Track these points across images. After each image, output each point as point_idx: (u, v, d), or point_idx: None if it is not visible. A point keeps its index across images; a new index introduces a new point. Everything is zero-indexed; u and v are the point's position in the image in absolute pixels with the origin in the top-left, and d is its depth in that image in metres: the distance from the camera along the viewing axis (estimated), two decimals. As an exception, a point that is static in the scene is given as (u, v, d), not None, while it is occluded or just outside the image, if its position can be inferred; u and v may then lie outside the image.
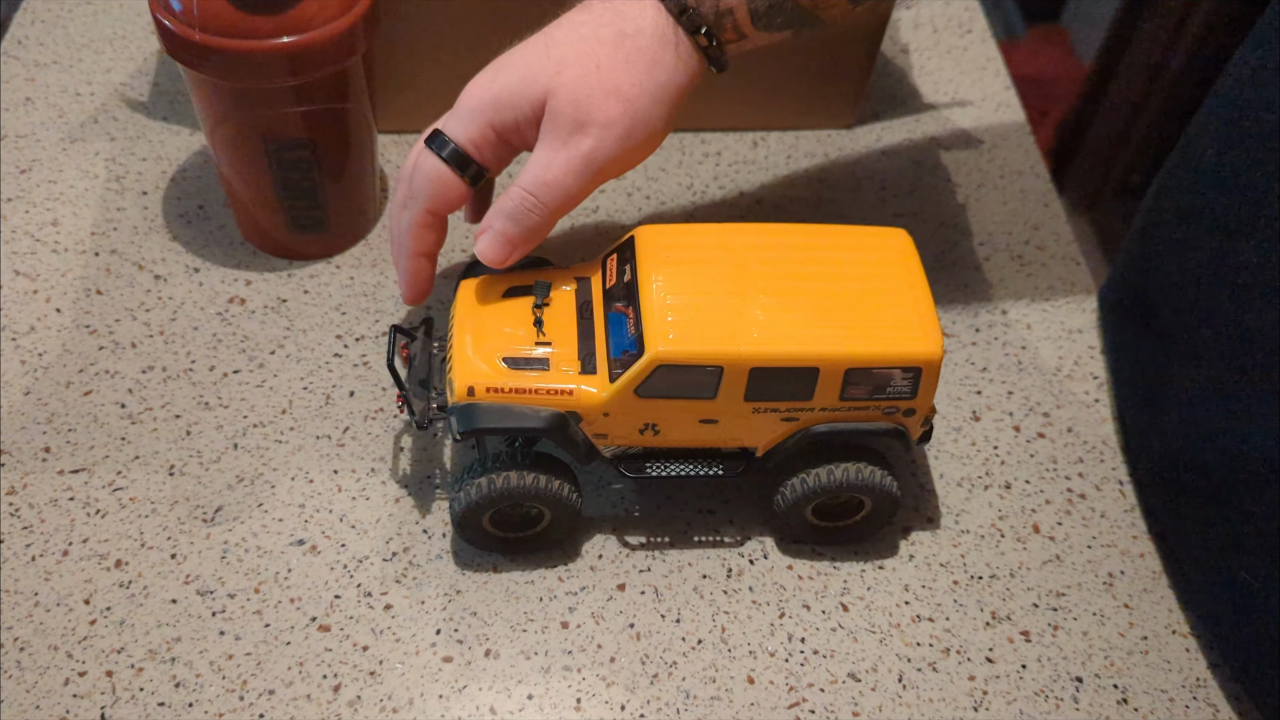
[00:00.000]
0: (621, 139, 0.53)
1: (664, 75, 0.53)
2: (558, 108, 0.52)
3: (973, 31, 0.88)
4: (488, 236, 0.55)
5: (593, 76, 0.52)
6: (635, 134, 0.53)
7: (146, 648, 0.53)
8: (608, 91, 0.52)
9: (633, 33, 0.53)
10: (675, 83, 0.54)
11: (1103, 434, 0.64)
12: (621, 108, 0.52)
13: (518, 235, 0.54)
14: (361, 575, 0.56)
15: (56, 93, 0.78)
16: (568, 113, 0.52)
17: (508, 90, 0.54)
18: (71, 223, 0.70)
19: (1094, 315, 0.70)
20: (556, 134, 0.53)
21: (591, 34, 0.54)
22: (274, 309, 0.67)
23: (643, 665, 0.54)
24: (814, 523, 0.57)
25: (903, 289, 0.54)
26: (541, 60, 0.54)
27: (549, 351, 0.53)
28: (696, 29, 0.53)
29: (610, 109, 0.52)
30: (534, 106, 0.53)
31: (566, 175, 0.53)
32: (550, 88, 0.53)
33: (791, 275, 0.53)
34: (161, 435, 0.61)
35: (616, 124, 0.52)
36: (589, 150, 0.53)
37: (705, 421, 0.53)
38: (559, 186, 0.53)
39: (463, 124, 0.55)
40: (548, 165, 0.53)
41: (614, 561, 0.57)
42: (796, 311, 0.52)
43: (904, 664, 0.55)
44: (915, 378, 0.52)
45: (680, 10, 0.53)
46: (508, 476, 0.53)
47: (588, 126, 0.52)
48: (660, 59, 0.53)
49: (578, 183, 0.53)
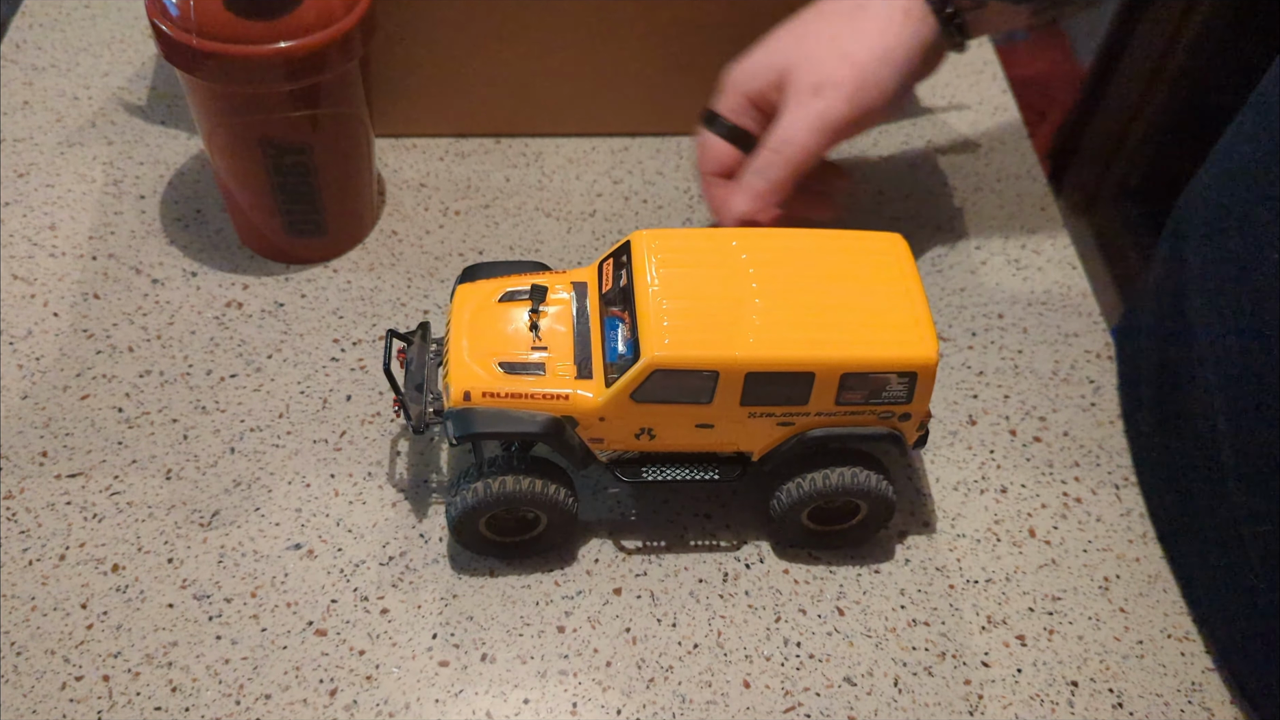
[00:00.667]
0: (850, 98, 0.59)
1: (893, 39, 0.59)
2: (796, 74, 0.60)
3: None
4: (739, 191, 0.62)
5: (826, 44, 0.60)
6: (865, 93, 0.59)
7: (143, 652, 0.53)
8: (839, 56, 0.59)
9: (866, 3, 0.60)
10: (905, 45, 0.60)
11: (1099, 438, 0.64)
12: (850, 70, 0.59)
13: (764, 188, 0.61)
14: (358, 579, 0.56)
15: (54, 97, 0.78)
16: (805, 78, 0.59)
17: (755, 62, 0.62)
18: (69, 227, 0.70)
19: (1090, 319, 0.70)
20: (796, 97, 0.60)
21: (831, 9, 0.61)
22: (271, 313, 0.67)
23: (639, 669, 0.54)
24: (810, 527, 0.57)
25: (898, 293, 0.54)
26: (785, 36, 0.62)
27: (545, 356, 0.53)
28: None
29: (840, 71, 0.59)
30: (779, 74, 0.61)
31: (803, 132, 0.59)
32: (790, 57, 0.60)
33: (787, 279, 0.53)
34: (158, 439, 0.61)
35: (846, 84, 0.59)
36: (822, 109, 0.59)
37: (701, 426, 0.53)
38: (797, 143, 0.59)
39: (721, 95, 0.64)
40: (788, 124, 0.60)
41: (610, 566, 0.57)
42: (792, 316, 0.52)
43: (900, 668, 0.55)
44: (911, 382, 0.52)
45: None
46: (504, 481, 0.53)
47: (822, 88, 0.59)
48: (890, 25, 0.60)
49: (813, 139, 0.59)
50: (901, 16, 0.60)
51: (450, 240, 0.72)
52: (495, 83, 0.75)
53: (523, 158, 0.77)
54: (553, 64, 0.74)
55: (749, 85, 0.62)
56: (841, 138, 0.60)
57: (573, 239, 0.72)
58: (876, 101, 0.60)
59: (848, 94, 0.59)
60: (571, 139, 0.78)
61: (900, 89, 0.60)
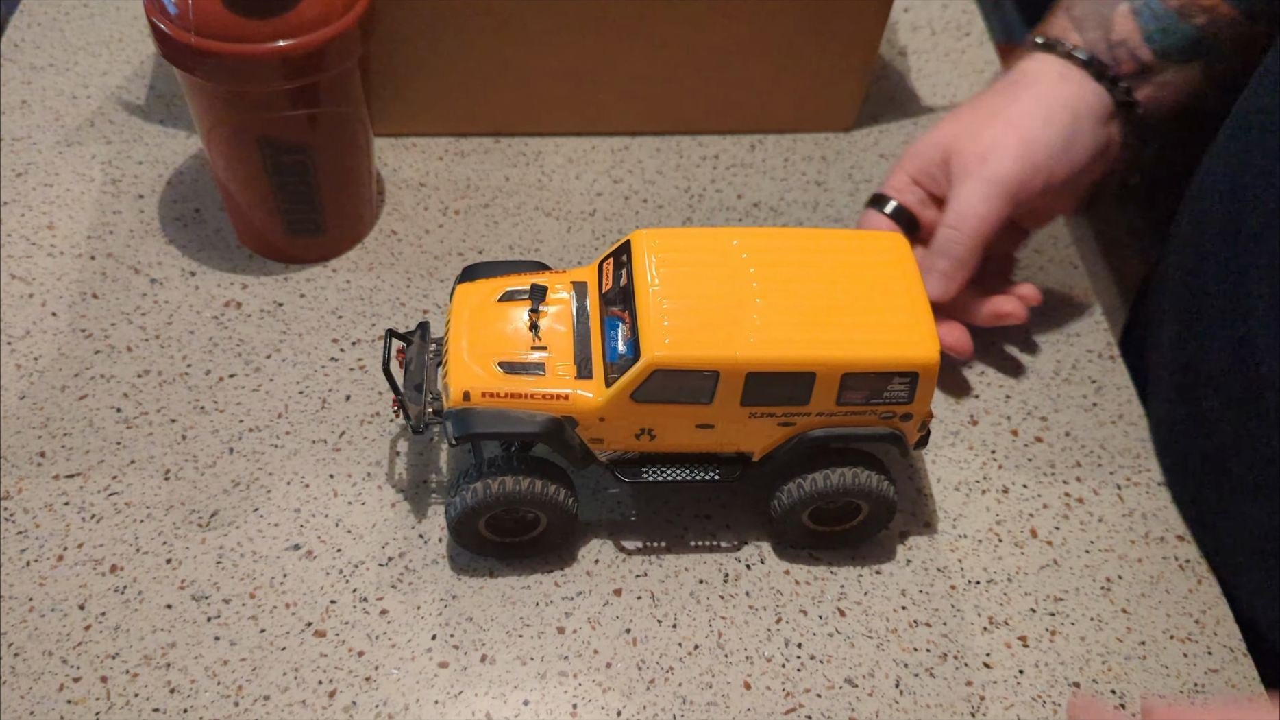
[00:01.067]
0: (1017, 159, 0.59)
1: (1054, 103, 0.60)
2: (961, 149, 0.60)
3: (971, 34, 0.88)
4: (928, 276, 0.60)
5: (986, 118, 0.61)
6: (1031, 153, 0.59)
7: (141, 653, 0.53)
8: (1002, 125, 0.60)
9: (1021, 79, 0.62)
10: (1069, 107, 0.60)
11: (1100, 438, 0.64)
12: (1012, 133, 0.60)
13: (948, 266, 0.60)
14: (357, 580, 0.56)
15: (53, 96, 0.78)
16: (969, 149, 0.60)
17: (921, 144, 0.63)
18: (67, 226, 0.70)
19: (1092, 319, 0.70)
20: (963, 170, 0.60)
21: (987, 92, 0.63)
22: (270, 313, 0.67)
23: (639, 670, 0.54)
24: (810, 527, 0.57)
25: (899, 293, 0.53)
26: (948, 119, 0.63)
27: (545, 356, 0.53)
28: (1083, 63, 0.61)
29: (1004, 137, 0.60)
30: (943, 151, 0.61)
31: (977, 200, 0.59)
32: (954, 134, 0.61)
33: (788, 279, 0.53)
34: (157, 439, 0.60)
35: (1011, 146, 0.59)
36: (990, 174, 0.59)
37: (702, 426, 0.53)
38: (973, 214, 0.59)
39: (887, 179, 0.65)
40: (961, 198, 0.60)
41: (610, 566, 0.57)
42: (793, 316, 0.52)
43: (901, 669, 0.54)
44: (912, 382, 0.52)
45: (1066, 50, 0.61)
46: (504, 481, 0.53)
47: (987, 155, 0.59)
48: (1048, 90, 0.61)
49: (988, 205, 0.59)
50: (1058, 81, 0.61)
51: (450, 240, 0.71)
52: (495, 82, 0.74)
53: (522, 157, 0.77)
54: (553, 63, 0.73)
55: (913, 165, 0.63)
56: (1015, 201, 0.60)
57: (572, 238, 0.72)
58: (1046, 162, 0.59)
59: (1014, 154, 0.59)
60: (571, 138, 0.78)
61: (1068, 149, 0.60)
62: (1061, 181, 0.61)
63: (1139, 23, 0.60)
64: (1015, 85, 0.62)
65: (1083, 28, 0.61)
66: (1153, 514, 0.61)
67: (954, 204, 0.60)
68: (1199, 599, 0.58)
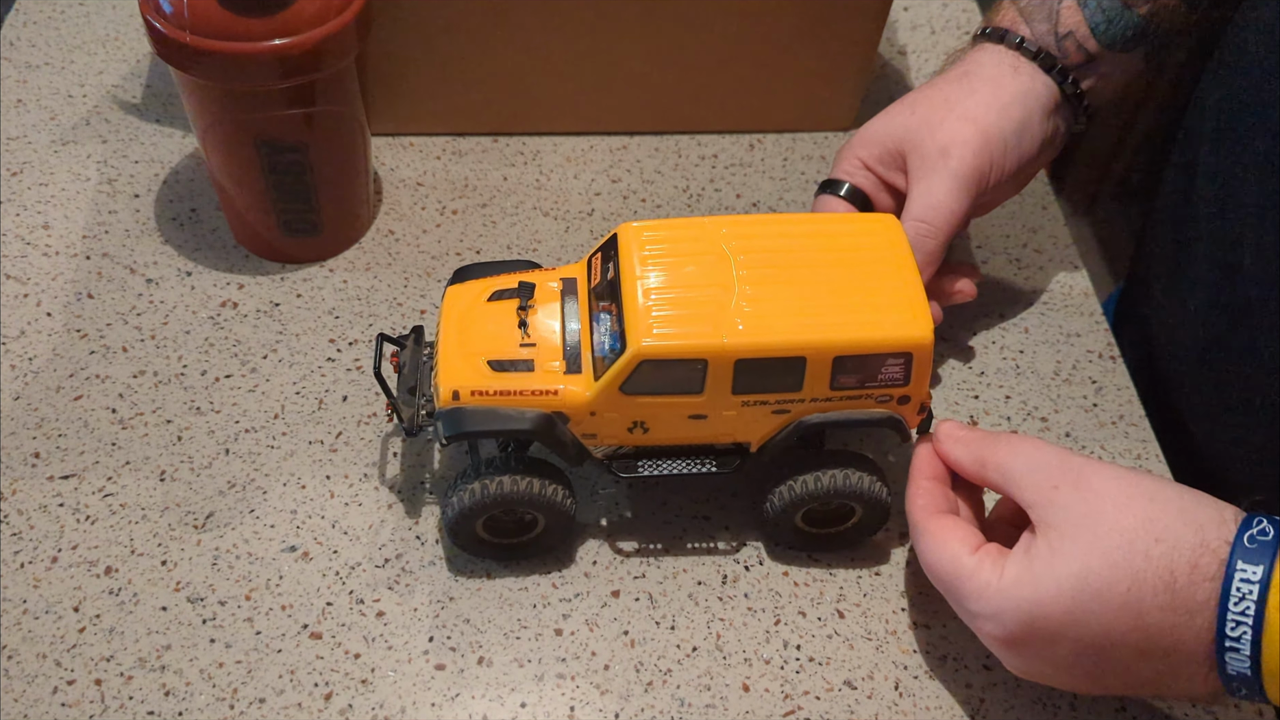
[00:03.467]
0: (978, 151, 0.59)
1: (1006, 96, 0.60)
2: (918, 142, 0.60)
3: (970, 33, 0.87)
4: None
5: (941, 109, 0.60)
6: (990, 147, 0.59)
7: (136, 656, 0.52)
8: (958, 117, 0.60)
9: (974, 70, 0.62)
10: (1021, 101, 0.60)
11: (1101, 439, 0.64)
12: (972, 126, 0.59)
13: (920, 262, 0.57)
14: (354, 582, 0.55)
15: (48, 94, 0.78)
16: (928, 143, 0.60)
17: (871, 132, 0.62)
18: (63, 226, 0.70)
19: (1092, 319, 0.69)
20: (924, 164, 0.60)
21: (940, 80, 0.62)
22: (266, 313, 0.66)
23: (637, 673, 0.53)
24: (804, 529, 0.57)
25: (891, 274, 0.52)
26: (898, 108, 0.62)
27: (534, 352, 0.53)
28: (1033, 55, 0.61)
29: (963, 130, 0.59)
30: (897, 142, 0.61)
31: (944, 195, 0.59)
32: (908, 125, 0.61)
33: (777, 264, 0.52)
34: (152, 440, 0.60)
35: (971, 140, 0.59)
36: (954, 167, 0.59)
37: (694, 417, 0.52)
38: (942, 208, 0.59)
39: (835, 165, 0.64)
40: (926, 192, 0.59)
41: (608, 568, 0.57)
42: (782, 301, 0.51)
43: (901, 671, 0.54)
44: (907, 363, 0.51)
45: (1016, 42, 0.61)
46: (501, 482, 0.52)
47: (948, 148, 0.59)
48: (1002, 83, 0.60)
49: (955, 199, 0.59)
50: (1010, 74, 0.61)
51: (447, 240, 0.71)
52: (493, 80, 0.74)
53: (520, 156, 0.76)
54: (551, 61, 0.73)
55: (865, 151, 0.62)
56: (978, 195, 0.60)
57: (571, 238, 0.72)
58: (1000, 157, 0.60)
59: (975, 148, 0.59)
60: (569, 137, 0.78)
61: (1024, 143, 0.61)
62: (1012, 173, 0.61)
63: (1085, 14, 0.61)
64: (969, 76, 0.61)
65: (1031, 19, 0.62)
66: (1153, 515, 0.61)
67: (922, 198, 0.59)
68: (1200, 601, 0.57)
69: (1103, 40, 0.61)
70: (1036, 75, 0.61)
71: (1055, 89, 0.61)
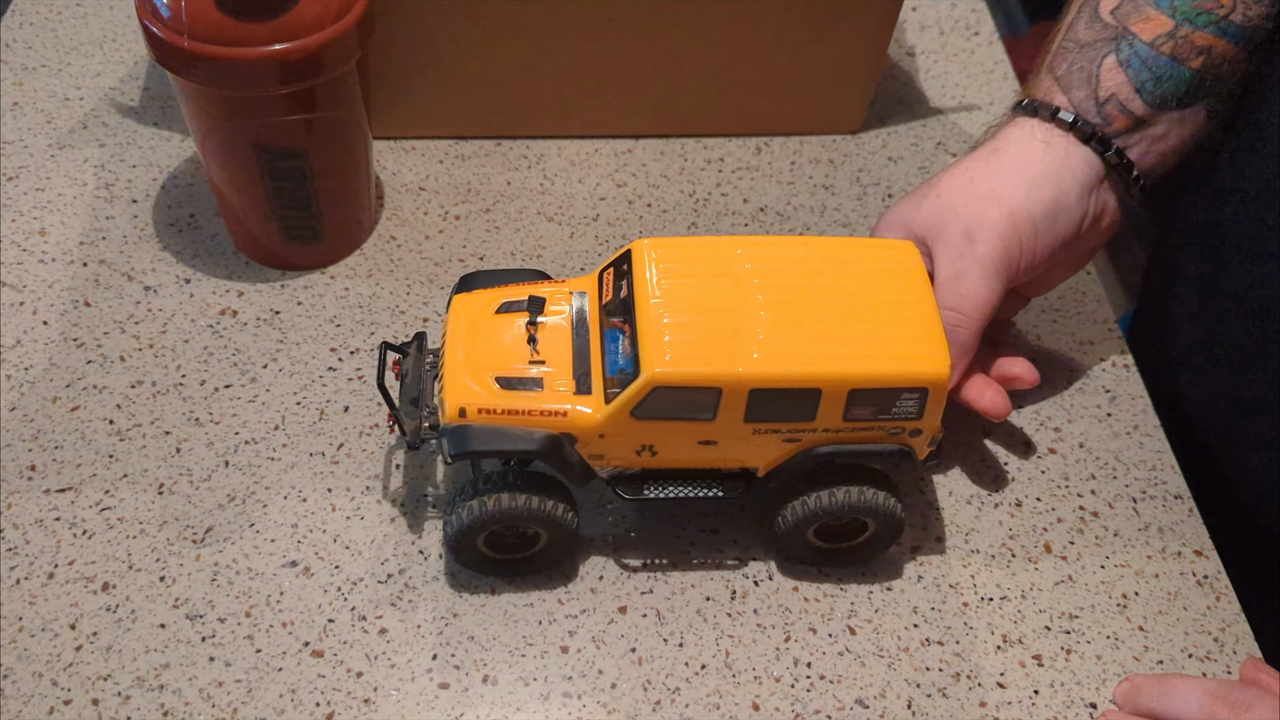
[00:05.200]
0: (1003, 236, 0.55)
1: (1035, 173, 0.56)
2: (944, 227, 0.56)
3: (980, 34, 0.86)
4: None
5: (967, 190, 0.57)
6: (1018, 230, 0.55)
7: (134, 675, 0.51)
8: (983, 199, 0.56)
9: (1003, 146, 0.58)
10: (1053, 179, 0.56)
11: (1115, 449, 0.63)
12: (996, 209, 0.56)
13: (952, 355, 0.53)
14: (356, 598, 0.54)
15: (45, 98, 0.77)
16: (954, 228, 0.56)
17: (895, 215, 0.59)
18: (59, 232, 0.69)
19: (1105, 326, 0.68)
20: (950, 251, 0.56)
21: (967, 159, 0.59)
22: (267, 321, 0.65)
23: (645, 691, 0.52)
24: (816, 544, 0.56)
25: (909, 305, 0.52)
26: (925, 192, 0.59)
27: (543, 371, 0.52)
28: (1069, 125, 0.57)
29: (988, 213, 0.56)
30: (921, 228, 0.57)
31: (973, 284, 0.55)
32: (934, 210, 0.57)
33: (793, 291, 0.52)
34: (150, 452, 0.59)
35: (998, 223, 0.55)
36: (982, 253, 0.55)
37: (704, 443, 0.52)
38: (973, 296, 0.55)
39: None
40: (956, 281, 0.56)
41: (615, 583, 0.56)
42: (798, 329, 0.50)
43: (913, 689, 0.53)
44: (922, 398, 0.51)
45: (1050, 113, 0.57)
46: (499, 498, 0.51)
47: (974, 234, 0.55)
48: (1031, 160, 0.57)
49: (986, 286, 0.55)
50: (1042, 149, 0.57)
51: (450, 246, 0.70)
52: (496, 83, 0.73)
53: (524, 160, 0.75)
54: (555, 63, 0.72)
55: (891, 235, 0.59)
56: (1009, 280, 0.57)
57: (575, 244, 0.71)
58: (1030, 240, 0.56)
59: (1001, 232, 0.55)
60: (574, 141, 0.77)
61: (1059, 228, 0.56)
62: (1050, 253, 0.57)
63: (1128, 74, 0.57)
64: (997, 154, 0.58)
65: (1068, 87, 0.58)
66: (1169, 528, 0.60)
67: (953, 286, 0.56)
68: (1218, 616, 0.56)
69: (1151, 101, 0.57)
70: (1072, 149, 0.57)
71: (1097, 161, 0.57)
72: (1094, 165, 0.57)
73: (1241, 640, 0.56)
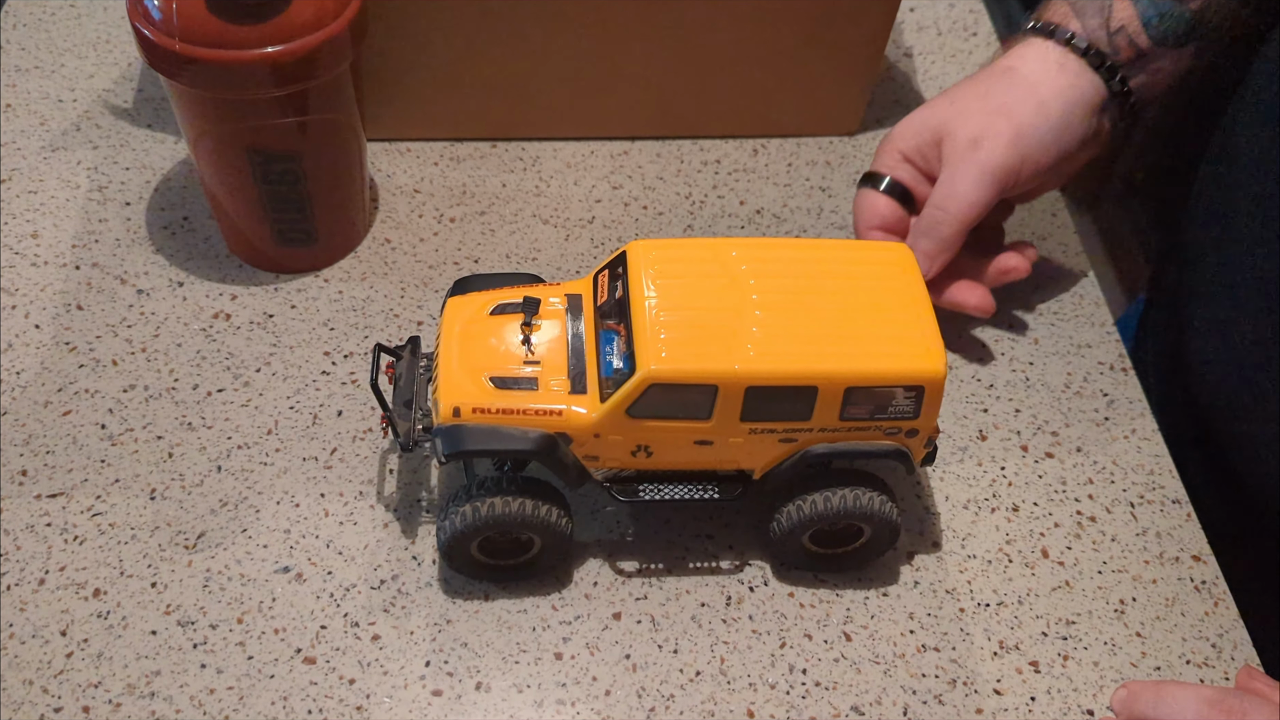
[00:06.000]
0: (1008, 146, 0.59)
1: (1046, 93, 0.60)
2: (953, 132, 0.61)
3: (978, 34, 0.86)
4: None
5: (978, 102, 0.61)
6: (1023, 141, 0.59)
7: (125, 682, 0.51)
8: (994, 110, 0.60)
9: (1017, 64, 0.62)
10: (1062, 98, 0.60)
11: (1113, 453, 0.62)
12: (1006, 121, 0.60)
13: (930, 247, 0.61)
14: (348, 604, 0.54)
15: (37, 99, 0.76)
16: (961, 134, 0.60)
17: (911, 123, 0.63)
18: (52, 235, 0.68)
19: (1103, 329, 0.68)
20: (955, 153, 0.60)
21: (983, 75, 0.63)
22: (260, 324, 0.65)
23: (639, 698, 0.52)
24: (812, 550, 0.55)
25: (904, 305, 0.52)
26: (939, 100, 0.63)
27: (537, 370, 0.51)
28: (1082, 51, 0.60)
29: (996, 123, 0.60)
30: (934, 133, 0.62)
31: (965, 184, 0.59)
32: (945, 118, 0.61)
33: (789, 291, 0.51)
34: (143, 457, 0.59)
35: (1003, 134, 0.59)
36: (982, 159, 0.59)
37: (700, 443, 0.51)
38: (961, 197, 0.60)
39: (877, 157, 0.65)
40: (950, 180, 0.60)
41: (609, 589, 0.55)
42: (794, 328, 0.50)
43: (909, 696, 0.53)
44: (918, 397, 0.50)
45: (1066, 37, 0.61)
46: (492, 503, 0.51)
47: (979, 141, 0.59)
48: (1044, 79, 0.60)
49: (976, 190, 0.59)
50: (1055, 70, 0.60)
51: (445, 248, 0.70)
52: (491, 85, 0.72)
53: (519, 162, 0.75)
54: (550, 64, 0.72)
55: (904, 143, 0.63)
56: (1004, 189, 0.60)
57: (571, 246, 0.70)
58: (1035, 153, 0.60)
59: (1006, 142, 0.59)
60: (569, 143, 0.76)
61: (1059, 142, 0.60)
62: (1049, 168, 0.61)
63: (1138, 9, 0.60)
64: (1011, 71, 0.61)
65: (1083, 14, 0.61)
66: (1167, 533, 0.59)
67: (943, 186, 0.60)
68: (1216, 622, 0.56)
69: (1154, 36, 0.60)
70: (1083, 72, 0.60)
71: (1102, 86, 0.61)
72: (1099, 90, 0.61)
73: (1240, 646, 0.55)
